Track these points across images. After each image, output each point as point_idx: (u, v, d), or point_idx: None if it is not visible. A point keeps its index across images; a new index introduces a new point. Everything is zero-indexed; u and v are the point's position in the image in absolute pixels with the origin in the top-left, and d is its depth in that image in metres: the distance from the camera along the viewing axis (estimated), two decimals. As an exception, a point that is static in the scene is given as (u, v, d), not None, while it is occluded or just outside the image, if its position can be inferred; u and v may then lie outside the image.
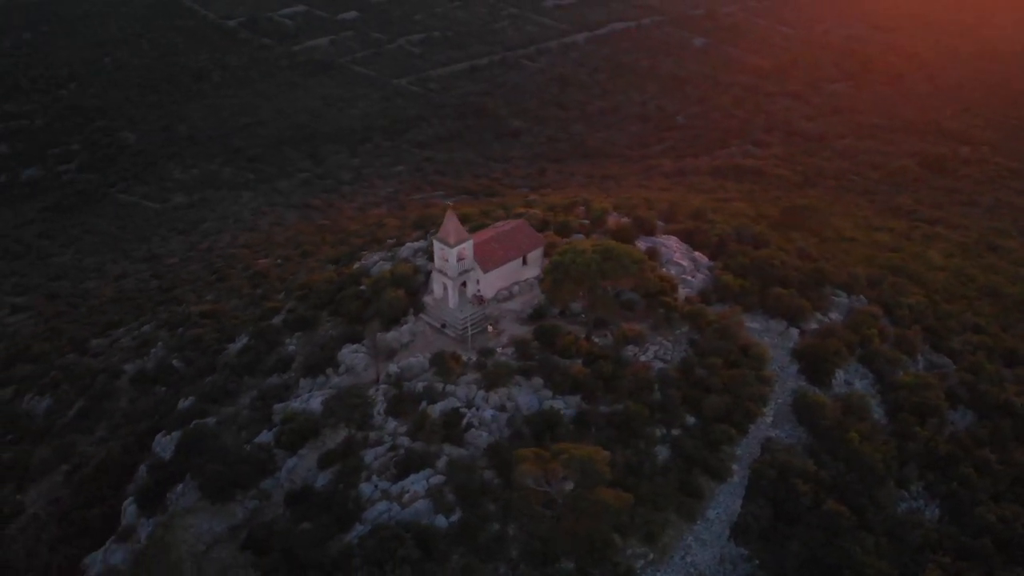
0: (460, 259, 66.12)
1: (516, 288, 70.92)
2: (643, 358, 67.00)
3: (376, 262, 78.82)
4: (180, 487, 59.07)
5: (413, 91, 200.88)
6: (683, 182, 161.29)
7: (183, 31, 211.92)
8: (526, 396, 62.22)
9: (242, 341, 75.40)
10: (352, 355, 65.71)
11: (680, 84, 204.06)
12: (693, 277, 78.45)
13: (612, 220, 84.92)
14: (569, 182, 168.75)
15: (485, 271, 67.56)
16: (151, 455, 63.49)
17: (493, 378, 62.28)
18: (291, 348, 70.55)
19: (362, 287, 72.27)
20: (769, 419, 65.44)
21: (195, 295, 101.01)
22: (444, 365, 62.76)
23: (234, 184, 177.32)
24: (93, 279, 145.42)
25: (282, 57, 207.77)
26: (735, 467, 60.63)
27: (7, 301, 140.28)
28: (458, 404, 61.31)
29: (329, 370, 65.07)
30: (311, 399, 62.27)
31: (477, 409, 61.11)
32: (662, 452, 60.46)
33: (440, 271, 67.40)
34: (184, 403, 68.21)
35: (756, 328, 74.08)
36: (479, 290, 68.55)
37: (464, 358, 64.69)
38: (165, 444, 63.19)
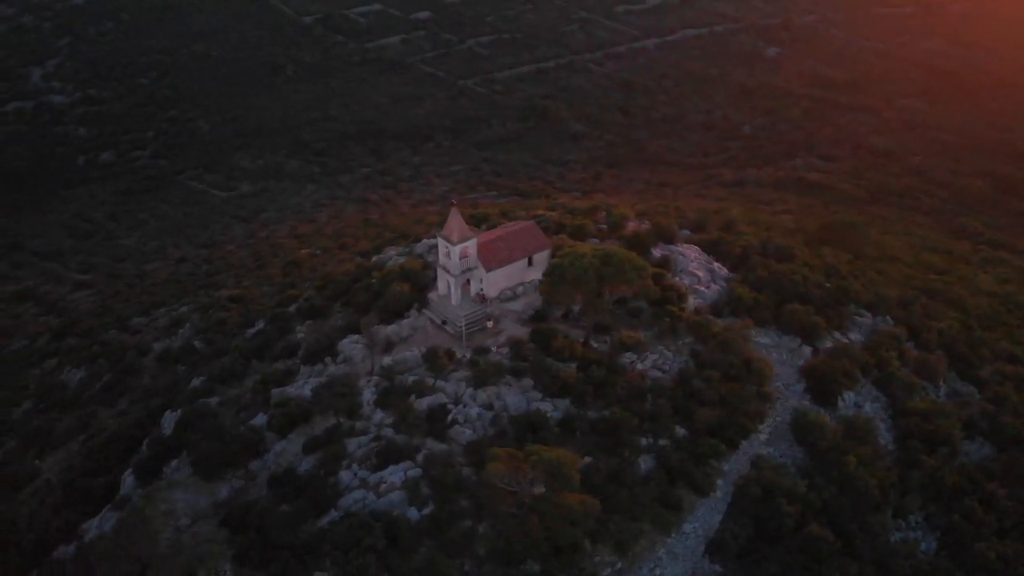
0: (463, 257, 66.81)
1: (520, 289, 71.22)
2: (640, 366, 66.49)
3: (392, 256, 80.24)
4: (175, 462, 61.45)
5: (478, 92, 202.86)
6: (741, 193, 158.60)
7: (261, 26, 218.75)
8: (515, 396, 62.52)
9: (259, 326, 77.80)
10: (351, 345, 67.15)
11: (749, 94, 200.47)
12: (707, 288, 77.35)
13: (632, 226, 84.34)
14: (624, 188, 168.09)
15: (488, 270, 68.10)
16: (157, 430, 66.15)
17: (482, 376, 62.81)
18: (300, 336, 72.45)
19: (372, 280, 73.64)
20: (764, 436, 64.20)
21: (234, 280, 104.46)
22: (435, 360, 63.57)
23: (299, 176, 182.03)
24: (154, 261, 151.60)
25: (354, 54, 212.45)
26: (720, 482, 59.74)
27: (73, 278, 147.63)
28: (445, 400, 62.05)
29: (328, 359, 66.65)
30: (305, 386, 63.95)
31: (464, 406, 61.74)
32: (646, 462, 60.00)
33: (443, 268, 68.25)
34: (195, 382, 70.84)
35: (766, 344, 72.67)
36: (482, 289, 69.14)
37: (459, 355, 65.36)
38: (170, 420, 65.77)
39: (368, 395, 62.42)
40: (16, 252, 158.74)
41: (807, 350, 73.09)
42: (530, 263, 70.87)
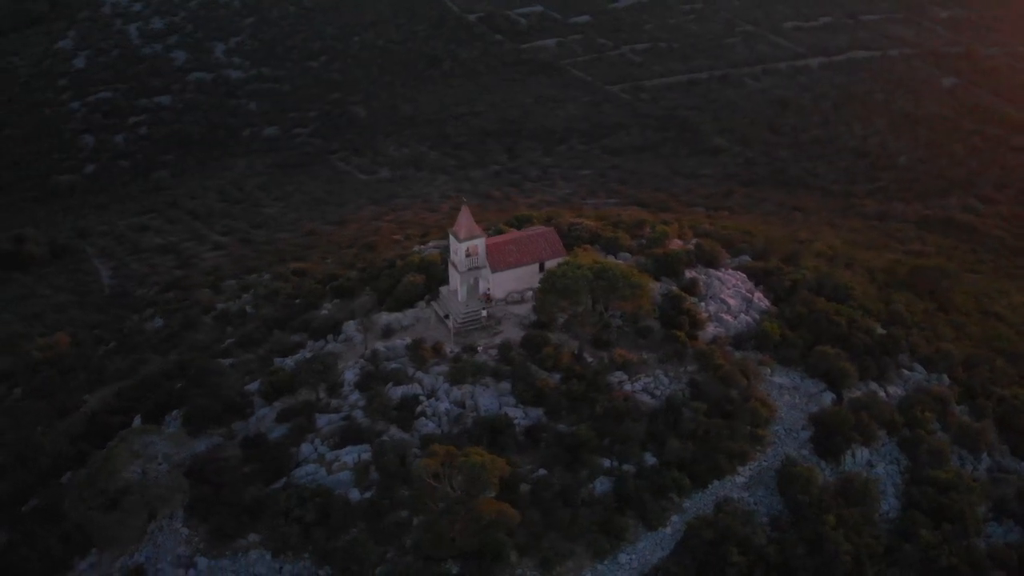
0: (469, 255, 67.68)
1: (529, 294, 71.09)
2: (629, 387, 64.68)
3: (430, 248, 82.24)
4: (175, 412, 66.46)
5: (623, 99, 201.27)
6: (879, 227, 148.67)
7: (427, 20, 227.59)
8: (488, 398, 62.80)
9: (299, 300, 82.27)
10: (353, 327, 69.65)
11: (913, 123, 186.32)
12: (735, 318, 73.76)
13: (675, 245, 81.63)
14: (752, 208, 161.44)
15: (494, 271, 68.53)
16: (175, 382, 71.72)
17: (459, 374, 63.39)
18: (323, 312, 75.91)
19: (394, 267, 75.99)
20: (743, 479, 60.84)
21: (319, 255, 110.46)
22: (418, 352, 64.82)
23: (435, 167, 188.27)
24: (287, 232, 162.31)
25: (509, 54, 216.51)
26: (675, 518, 57.44)
27: (213, 238, 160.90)
28: (420, 392, 63.22)
29: (330, 336, 69.55)
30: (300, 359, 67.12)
31: (436, 400, 62.66)
32: (602, 484, 58.56)
33: (452, 264, 69.37)
34: (224, 344, 76.05)
35: (782, 384, 68.65)
36: (488, 289, 69.66)
37: (447, 350, 66.30)
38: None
39: (350, 375, 64.74)
40: (172, 209, 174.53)
41: (828, 397, 68.15)
42: (542, 269, 70.50)
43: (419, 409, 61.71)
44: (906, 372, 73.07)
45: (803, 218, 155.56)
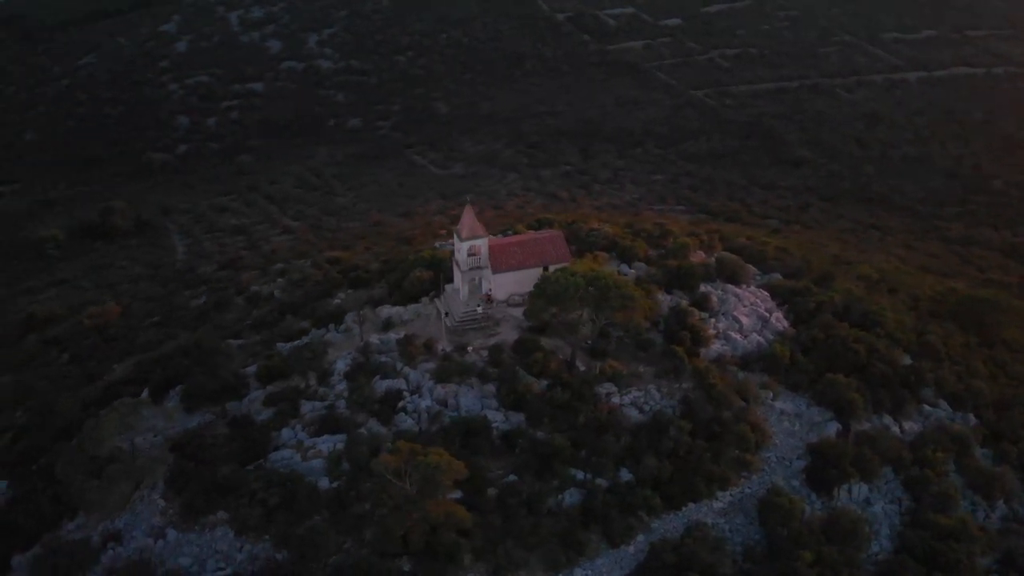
0: (471, 255, 67.50)
1: (532, 297, 70.21)
2: (617, 399, 63.22)
3: (447, 244, 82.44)
4: (178, 387, 68.81)
5: (706, 104, 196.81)
6: (962, 253, 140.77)
7: (515, 19, 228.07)
8: (471, 399, 62.57)
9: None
10: (351, 318, 70.50)
11: (1013, 147, 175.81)
12: (745, 337, 70.99)
13: (697, 258, 79.20)
14: (828, 224, 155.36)
15: (495, 271, 68.15)
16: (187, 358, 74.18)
17: (445, 373, 63.32)
18: (336, 302, 77.16)
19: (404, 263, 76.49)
20: (721, 505, 58.62)
21: (363, 246, 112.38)
22: (407, 348, 65.05)
23: (507, 165, 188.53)
24: (355, 221, 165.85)
25: (595, 54, 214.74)
26: (640, 538, 55.82)
27: (284, 222, 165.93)
28: (404, 387, 63.43)
29: (332, 325, 70.59)
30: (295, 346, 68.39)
31: (419, 397, 62.76)
32: (572, 495, 57.45)
33: (456, 262, 69.35)
34: (241, 325, 78.24)
35: (784, 410, 65.92)
36: (490, 289, 69.31)
37: (439, 348, 66.31)
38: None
39: (341, 365, 65.50)
40: (252, 192, 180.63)
41: (833, 427, 64.88)
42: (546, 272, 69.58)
43: (400, 404, 61.99)
44: (927, 408, 68.76)
45: (879, 237, 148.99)
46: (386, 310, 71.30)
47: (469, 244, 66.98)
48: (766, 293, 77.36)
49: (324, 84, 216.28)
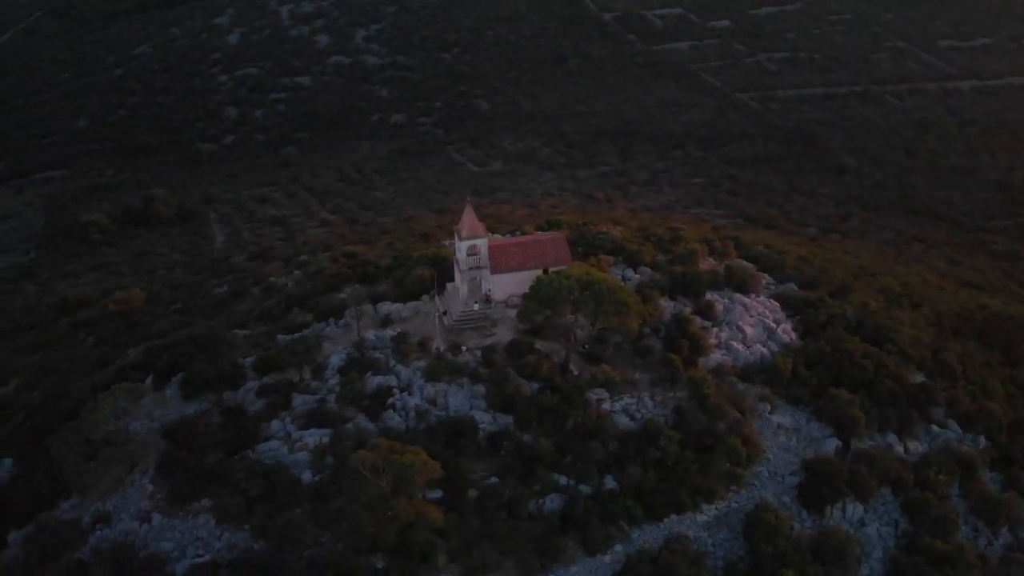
0: (471, 254, 67.31)
1: (531, 299, 69.66)
2: (608, 406, 62.40)
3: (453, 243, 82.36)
4: (180, 374, 69.99)
5: (751, 107, 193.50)
6: (1007, 268, 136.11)
7: (562, 18, 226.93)
8: (460, 399, 62.45)
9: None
10: (349, 314, 70.85)
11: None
12: (748, 347, 69.44)
13: (706, 265, 77.76)
14: (869, 234, 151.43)
15: (493, 272, 67.87)
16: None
17: (436, 371, 63.24)
18: (341, 296, 77.70)
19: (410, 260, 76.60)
20: (705, 518, 57.39)
21: (385, 241, 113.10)
22: (400, 346, 65.11)
23: (545, 164, 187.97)
24: (390, 216, 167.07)
25: (640, 55, 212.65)
26: (618, 547, 55.02)
27: (322, 215, 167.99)
28: (395, 384, 63.52)
29: (332, 319, 71.03)
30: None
31: (409, 394, 62.80)
32: (552, 501, 56.89)
33: (456, 262, 69.24)
34: (250, 316, 79.26)
35: (782, 424, 64.49)
36: (489, 290, 69.03)
37: (434, 346, 66.26)
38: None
39: (336, 360, 65.90)
40: (293, 184, 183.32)
41: (832, 444, 63.13)
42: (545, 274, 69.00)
43: (390, 401, 62.10)
44: (935, 428, 66.42)
45: (921, 249, 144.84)
46: (386, 306, 71.55)
47: (468, 244, 66.83)
48: (776, 304, 75.57)
49: (370, 79, 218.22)
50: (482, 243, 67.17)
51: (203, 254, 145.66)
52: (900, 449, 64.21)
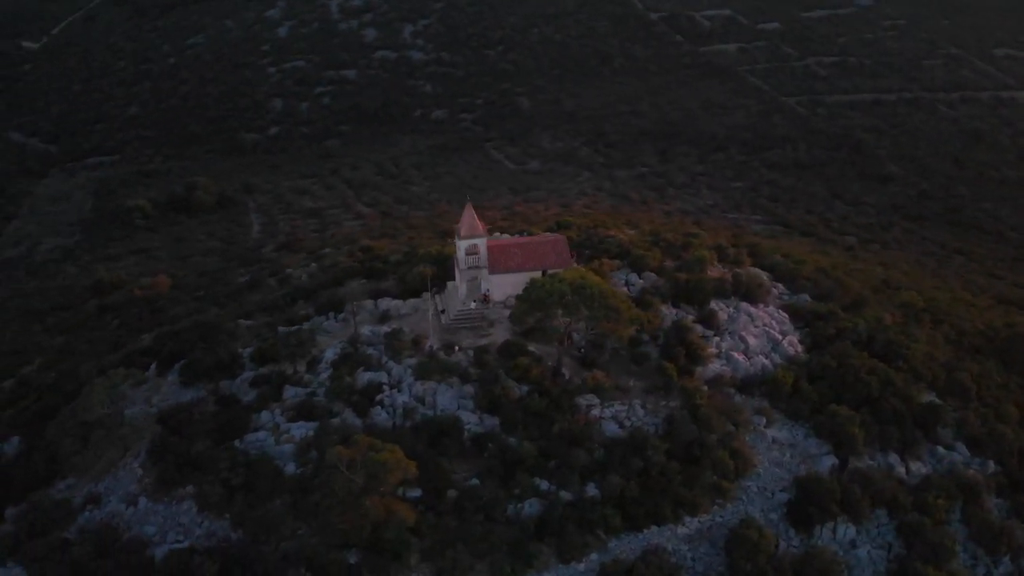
0: (470, 254, 67.03)
1: (529, 300, 69.09)
2: (598, 412, 61.57)
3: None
4: (182, 361, 71.09)
5: (797, 112, 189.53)
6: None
7: (609, 17, 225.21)
8: (448, 398, 62.23)
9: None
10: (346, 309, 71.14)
11: None
12: (749, 359, 67.85)
13: (715, 273, 76.22)
14: (911, 246, 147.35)
15: (492, 272, 67.50)
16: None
17: (426, 370, 63.11)
18: (344, 290, 78.12)
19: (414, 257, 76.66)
20: (687, 531, 56.26)
21: (406, 236, 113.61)
22: (393, 343, 65.13)
23: (583, 163, 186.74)
24: (422, 211, 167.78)
25: (686, 56, 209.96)
26: (594, 556, 54.34)
27: (357, 208, 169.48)
28: (385, 381, 63.56)
29: (331, 314, 71.45)
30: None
31: (398, 392, 62.80)
32: (532, 506, 56.36)
33: (456, 261, 69.06)
34: (263, 305, 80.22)
35: (779, 439, 62.88)
36: (488, 290, 68.68)
37: (427, 344, 66.16)
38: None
39: (330, 354, 66.21)
40: (332, 177, 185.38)
41: (829, 462, 61.34)
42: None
43: (378, 398, 62.15)
44: (941, 450, 64.05)
45: (962, 263, 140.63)
46: (386, 302, 71.72)
47: (468, 243, 66.57)
48: (784, 315, 73.70)
49: (414, 75, 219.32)
50: (481, 243, 66.87)
51: (238, 242, 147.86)
52: (901, 470, 62.09)
